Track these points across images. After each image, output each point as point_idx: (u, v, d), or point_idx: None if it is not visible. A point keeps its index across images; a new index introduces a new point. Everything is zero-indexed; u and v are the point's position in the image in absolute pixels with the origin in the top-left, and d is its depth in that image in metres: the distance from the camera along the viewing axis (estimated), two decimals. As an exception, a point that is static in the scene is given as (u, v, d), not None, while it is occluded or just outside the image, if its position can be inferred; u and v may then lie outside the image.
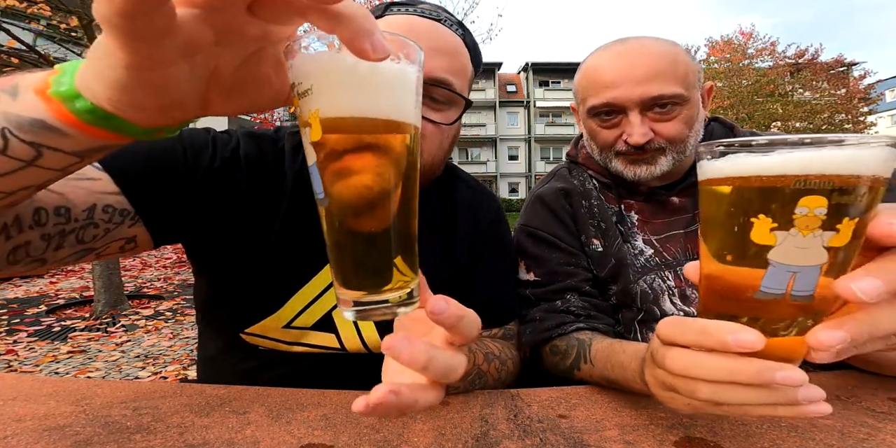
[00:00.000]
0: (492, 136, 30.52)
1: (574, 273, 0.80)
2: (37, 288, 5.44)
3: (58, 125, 0.29)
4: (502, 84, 31.77)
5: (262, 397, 0.56)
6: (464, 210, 0.77)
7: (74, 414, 0.50)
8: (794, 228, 0.31)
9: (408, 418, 0.51)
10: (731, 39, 20.19)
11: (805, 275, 0.32)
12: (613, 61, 0.75)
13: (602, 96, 0.75)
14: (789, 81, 19.93)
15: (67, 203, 0.44)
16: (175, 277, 6.30)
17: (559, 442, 0.46)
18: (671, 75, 0.72)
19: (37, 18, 5.10)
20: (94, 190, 0.47)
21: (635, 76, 0.72)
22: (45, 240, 0.43)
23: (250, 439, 0.45)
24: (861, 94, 20.12)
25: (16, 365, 2.89)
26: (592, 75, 0.77)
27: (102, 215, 0.47)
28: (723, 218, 0.34)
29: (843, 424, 0.48)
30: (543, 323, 0.76)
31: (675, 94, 0.71)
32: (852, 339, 0.31)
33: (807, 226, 0.30)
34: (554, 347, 0.74)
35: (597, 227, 0.83)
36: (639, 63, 0.72)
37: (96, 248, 0.49)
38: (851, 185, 0.30)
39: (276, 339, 0.65)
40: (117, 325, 3.80)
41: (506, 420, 0.51)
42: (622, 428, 0.49)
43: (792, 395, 0.34)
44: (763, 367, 0.33)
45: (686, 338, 0.37)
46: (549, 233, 0.84)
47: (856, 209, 0.30)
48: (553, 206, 0.86)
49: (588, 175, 0.90)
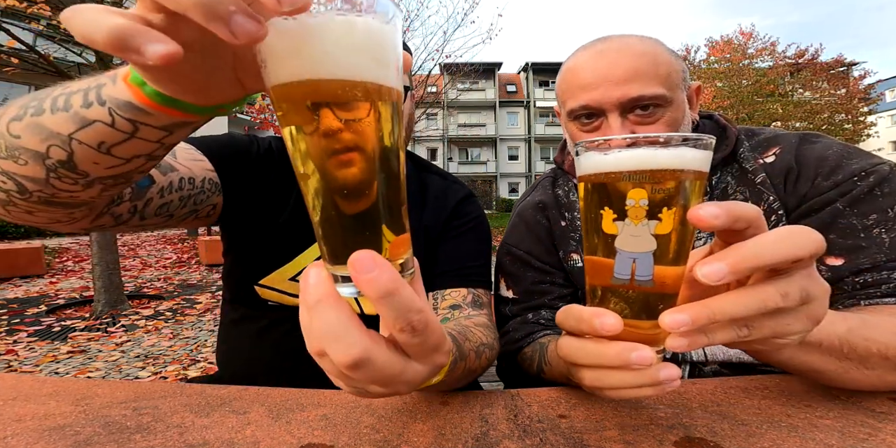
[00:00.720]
0: (492, 136, 30.53)
1: (548, 291, 0.81)
2: (37, 288, 5.44)
3: (141, 106, 0.34)
4: (502, 84, 31.78)
5: (262, 397, 0.56)
6: (433, 193, 0.88)
7: (74, 414, 0.50)
8: (628, 218, 0.35)
9: (408, 418, 0.51)
10: (731, 39, 20.19)
11: (642, 261, 0.35)
12: (592, 61, 0.71)
13: (580, 98, 0.71)
14: (789, 81, 19.93)
15: (193, 175, 0.64)
16: (175, 277, 6.30)
17: (559, 442, 0.46)
18: (652, 75, 0.68)
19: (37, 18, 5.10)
20: (204, 167, 0.67)
21: (614, 76, 0.68)
22: (182, 200, 0.62)
23: (250, 439, 0.45)
24: (861, 94, 20.12)
25: (16, 365, 2.89)
26: (571, 77, 0.74)
27: (208, 185, 0.67)
28: (584, 211, 0.39)
29: (843, 424, 0.48)
30: (515, 334, 0.79)
31: (656, 95, 0.67)
32: (693, 321, 0.33)
33: (636, 215, 0.35)
34: (523, 354, 0.77)
35: (579, 241, 0.81)
36: (618, 63, 0.68)
37: (198, 210, 0.67)
38: (669, 179, 0.34)
39: (283, 290, 0.79)
40: (117, 325, 3.80)
41: (506, 420, 0.51)
42: (622, 428, 0.49)
43: (655, 375, 0.37)
44: (621, 348, 0.36)
45: (568, 324, 0.40)
46: (523, 250, 0.84)
47: (675, 200, 0.34)
48: (529, 221, 0.86)
49: (573, 184, 0.87)
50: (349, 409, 0.53)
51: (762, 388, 0.57)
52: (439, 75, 16.01)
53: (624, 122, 0.70)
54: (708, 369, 0.72)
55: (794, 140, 0.73)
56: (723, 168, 0.76)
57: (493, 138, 30.65)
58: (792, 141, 0.73)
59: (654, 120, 0.70)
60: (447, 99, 18.15)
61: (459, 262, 0.82)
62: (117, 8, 0.27)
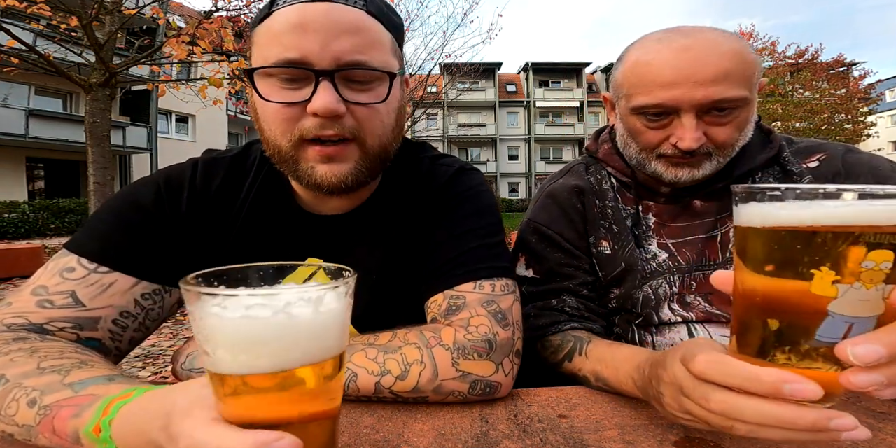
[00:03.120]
0: (492, 136, 30.52)
1: (573, 275, 0.79)
2: (37, 288, 5.44)
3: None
4: (502, 84, 31.77)
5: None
6: (421, 181, 0.71)
7: (74, 414, 0.50)
8: (859, 282, 0.30)
9: (408, 418, 0.51)
10: (731, 39, 20.11)
11: (861, 325, 0.31)
12: (674, 58, 0.65)
13: (657, 96, 0.66)
14: (789, 81, 19.94)
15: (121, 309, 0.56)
16: (175, 277, 6.30)
17: (559, 442, 0.46)
18: (740, 77, 0.64)
19: (37, 18, 5.10)
20: (120, 291, 0.57)
21: (700, 78, 0.63)
22: (140, 329, 0.59)
23: (250, 439, 0.45)
24: (861, 94, 20.14)
25: (16, 365, 2.89)
26: (646, 71, 0.68)
27: (144, 303, 0.59)
28: (766, 261, 0.33)
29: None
30: (538, 320, 0.76)
31: (739, 98, 0.64)
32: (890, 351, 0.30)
33: (871, 279, 0.30)
34: (546, 342, 0.74)
35: (608, 229, 0.80)
36: (706, 62, 0.63)
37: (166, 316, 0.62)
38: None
39: None
40: (117, 325, 3.80)
41: (506, 420, 0.51)
42: (622, 428, 0.49)
43: (834, 434, 0.33)
44: (819, 417, 0.32)
45: (732, 382, 0.35)
46: (554, 230, 0.81)
47: None
48: (564, 203, 0.82)
49: (606, 173, 0.85)
50: (349, 409, 0.53)
51: (762, 388, 0.57)
52: (439, 75, 16.02)
53: (698, 124, 0.67)
54: None
55: (840, 149, 0.77)
56: (764, 169, 0.77)
57: (493, 138, 30.64)
58: (838, 149, 0.77)
59: (729, 121, 0.67)
60: (447, 99, 18.16)
61: (443, 256, 0.65)
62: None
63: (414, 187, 0.70)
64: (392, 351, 0.54)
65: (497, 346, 0.56)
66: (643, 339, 0.77)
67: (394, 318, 0.65)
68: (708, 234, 0.76)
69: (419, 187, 0.70)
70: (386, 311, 0.67)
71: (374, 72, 0.55)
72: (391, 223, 0.68)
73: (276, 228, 0.66)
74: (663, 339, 0.75)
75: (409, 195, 0.70)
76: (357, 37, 0.54)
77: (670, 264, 0.76)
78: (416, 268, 0.66)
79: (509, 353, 0.57)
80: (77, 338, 0.53)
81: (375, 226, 0.68)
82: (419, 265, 0.66)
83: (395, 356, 0.54)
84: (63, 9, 4.59)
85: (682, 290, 0.75)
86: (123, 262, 0.57)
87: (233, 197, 0.66)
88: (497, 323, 0.57)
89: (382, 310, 0.66)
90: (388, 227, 0.68)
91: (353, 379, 0.53)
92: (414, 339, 0.56)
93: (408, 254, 0.67)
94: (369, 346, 0.55)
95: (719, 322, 0.73)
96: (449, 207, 0.68)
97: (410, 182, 0.71)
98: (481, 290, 0.60)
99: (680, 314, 0.74)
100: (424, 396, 0.54)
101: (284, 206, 0.67)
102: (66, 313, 0.53)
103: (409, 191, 0.70)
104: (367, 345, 0.56)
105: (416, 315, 0.65)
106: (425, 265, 0.65)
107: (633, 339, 0.78)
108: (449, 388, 0.53)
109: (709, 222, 0.76)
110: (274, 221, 0.66)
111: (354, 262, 0.66)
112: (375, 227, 0.68)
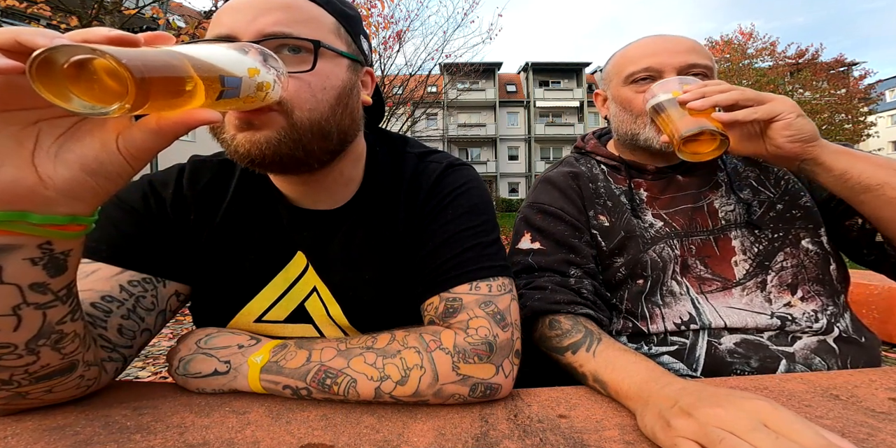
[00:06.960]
0: (492, 136, 30.53)
1: (578, 248, 0.83)
2: (37, 288, 5.44)
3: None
4: (502, 84, 31.78)
5: (262, 397, 0.55)
6: (409, 179, 0.69)
7: (74, 414, 0.50)
8: None
9: (408, 418, 0.51)
10: (731, 39, 20.19)
11: None
12: (653, 39, 0.86)
13: (642, 63, 0.83)
14: (789, 81, 19.93)
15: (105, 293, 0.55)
16: (175, 277, 6.30)
17: (559, 442, 0.46)
18: (704, 53, 0.83)
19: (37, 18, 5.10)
20: (103, 277, 0.56)
21: (676, 49, 0.83)
22: (131, 319, 0.56)
23: (250, 439, 0.45)
24: (861, 94, 20.13)
25: (16, 365, 2.89)
26: (632, 50, 0.87)
27: (132, 289, 0.57)
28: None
29: (843, 424, 0.48)
30: (555, 295, 0.75)
31: (707, 66, 0.82)
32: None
33: None
34: (555, 322, 0.72)
35: (603, 205, 0.89)
36: (679, 41, 0.84)
37: (165, 308, 0.62)
38: None
39: (252, 333, 0.67)
40: (117, 325, 3.80)
41: (506, 420, 0.51)
42: (622, 428, 0.49)
43: None
44: None
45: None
46: (556, 207, 0.88)
47: None
48: (561, 184, 0.91)
49: (596, 161, 0.96)
50: (349, 408, 0.53)
51: (762, 388, 0.57)
52: (439, 75, 16.02)
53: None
54: (723, 347, 0.73)
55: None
56: (747, 164, 0.90)
57: (493, 138, 30.63)
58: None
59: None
60: (447, 99, 18.15)
61: (435, 259, 0.64)
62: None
63: (401, 185, 0.69)
64: (391, 355, 0.54)
65: (497, 348, 0.56)
66: (652, 313, 0.79)
67: (392, 316, 0.65)
68: (696, 203, 0.86)
69: (407, 185, 0.69)
70: (385, 311, 0.66)
71: (301, 42, 0.55)
72: (380, 221, 0.67)
73: (261, 222, 0.67)
74: (671, 311, 0.79)
75: (398, 193, 0.68)
76: (285, 13, 0.55)
77: (667, 230, 0.84)
78: (410, 267, 0.66)
79: (509, 355, 0.57)
80: None
81: (364, 224, 0.67)
82: (413, 265, 0.66)
83: (394, 361, 0.54)
84: (63, 9, 4.59)
85: (684, 252, 0.82)
86: (108, 254, 0.57)
87: (219, 195, 0.67)
88: (496, 324, 0.57)
89: (380, 308, 0.66)
90: (377, 225, 0.67)
91: (353, 385, 0.53)
92: (413, 343, 0.55)
93: (401, 253, 0.67)
94: (367, 350, 0.55)
95: (716, 290, 0.80)
96: (440, 207, 0.66)
97: (397, 179, 0.69)
98: (477, 291, 0.59)
99: (684, 284, 0.80)
100: (425, 400, 0.54)
101: (269, 201, 0.67)
102: None
103: (396, 188, 0.69)
104: (366, 348, 0.55)
105: (415, 313, 0.65)
106: (419, 267, 0.65)
107: (642, 313, 0.80)
108: (449, 391, 0.53)
109: (693, 194, 0.87)
110: (258, 216, 0.66)
111: (344, 259, 0.66)
112: (364, 225, 0.67)
